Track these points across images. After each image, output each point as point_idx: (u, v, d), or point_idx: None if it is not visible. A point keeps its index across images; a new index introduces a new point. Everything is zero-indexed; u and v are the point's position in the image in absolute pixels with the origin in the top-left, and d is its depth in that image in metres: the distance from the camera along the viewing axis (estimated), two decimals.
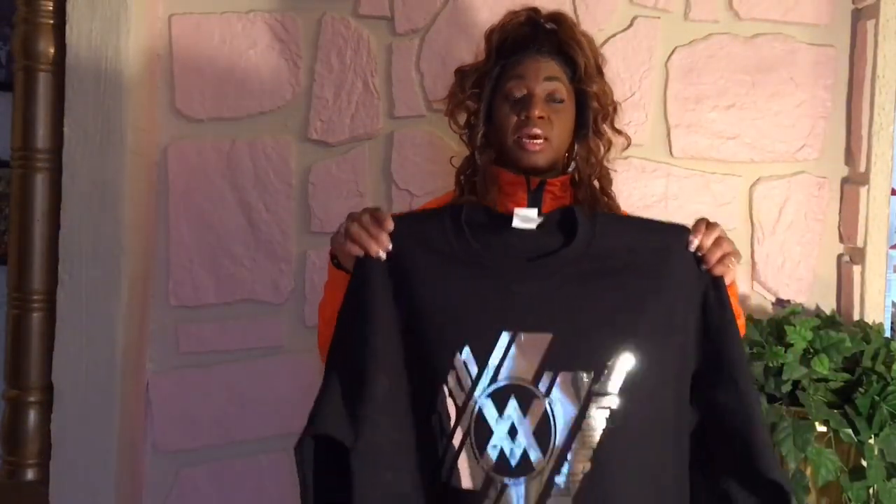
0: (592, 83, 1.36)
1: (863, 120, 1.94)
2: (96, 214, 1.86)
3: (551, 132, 1.32)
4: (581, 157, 1.38)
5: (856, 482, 1.65)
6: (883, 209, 1.92)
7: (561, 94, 1.34)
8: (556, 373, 1.06)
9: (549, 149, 1.33)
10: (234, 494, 1.99)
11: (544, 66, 1.34)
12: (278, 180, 1.98)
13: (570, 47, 1.35)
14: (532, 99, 1.32)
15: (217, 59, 1.98)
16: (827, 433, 1.67)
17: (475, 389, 1.06)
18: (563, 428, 1.05)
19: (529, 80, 1.33)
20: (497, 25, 1.41)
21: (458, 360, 1.07)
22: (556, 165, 1.37)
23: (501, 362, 1.07)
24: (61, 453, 1.86)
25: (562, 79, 1.35)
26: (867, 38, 1.94)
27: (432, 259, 1.13)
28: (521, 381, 1.06)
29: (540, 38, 1.37)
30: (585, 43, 1.37)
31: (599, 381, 1.06)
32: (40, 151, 1.89)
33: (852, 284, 1.94)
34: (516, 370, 1.06)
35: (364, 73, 1.97)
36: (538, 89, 1.33)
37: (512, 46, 1.37)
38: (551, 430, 1.05)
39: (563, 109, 1.34)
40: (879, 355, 1.75)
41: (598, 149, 1.39)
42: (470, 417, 1.06)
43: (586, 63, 1.36)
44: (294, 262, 1.99)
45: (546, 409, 1.05)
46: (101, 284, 1.86)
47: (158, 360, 2.00)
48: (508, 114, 1.34)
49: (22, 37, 1.89)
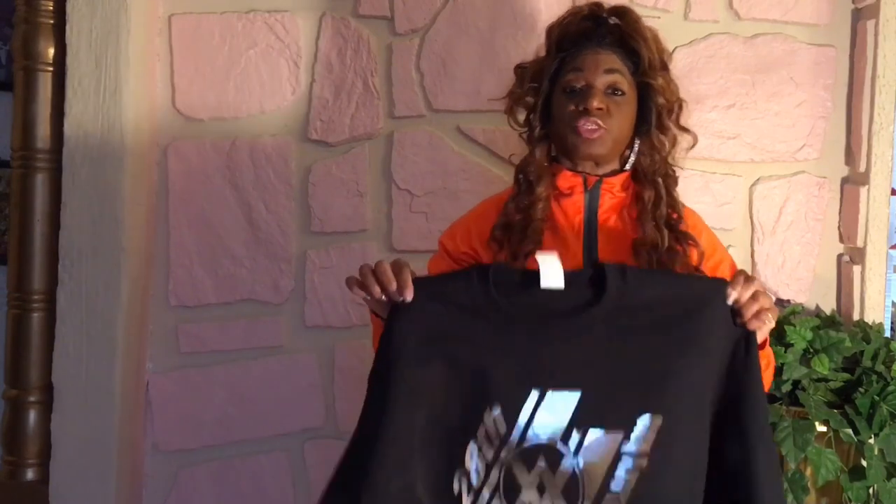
0: (656, 76, 1.33)
1: (863, 120, 1.94)
2: (96, 214, 1.86)
3: (610, 123, 1.30)
4: (643, 152, 1.35)
5: (856, 482, 1.65)
6: (883, 209, 1.92)
7: (621, 87, 1.32)
8: (586, 430, 1.04)
9: (607, 138, 1.30)
10: (234, 494, 1.99)
11: (604, 59, 1.32)
12: (278, 180, 1.98)
13: (633, 40, 1.33)
14: (591, 90, 1.30)
15: (217, 59, 1.98)
16: (827, 433, 1.67)
17: (503, 447, 1.05)
18: (592, 486, 1.03)
19: (589, 71, 1.31)
20: (558, 20, 1.39)
21: (488, 418, 1.05)
22: (614, 161, 1.35)
23: (531, 420, 1.05)
24: (61, 453, 1.86)
25: (622, 71, 1.33)
26: (867, 38, 1.94)
27: (459, 317, 1.10)
28: (550, 440, 1.04)
29: (601, 31, 1.34)
30: (650, 36, 1.35)
31: (629, 440, 1.04)
32: (40, 151, 1.89)
33: (852, 284, 1.94)
34: (546, 428, 1.05)
35: (364, 73, 1.97)
36: (598, 81, 1.31)
37: (572, 40, 1.35)
38: (580, 489, 1.03)
39: (624, 102, 1.32)
40: (879, 355, 1.75)
41: (661, 145, 1.36)
42: (499, 474, 1.05)
43: (650, 56, 1.33)
44: (294, 262, 1.99)
45: (575, 468, 1.03)
46: (101, 284, 1.86)
47: (158, 360, 2.00)
48: (566, 105, 1.32)
49: (22, 37, 1.89)
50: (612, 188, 1.34)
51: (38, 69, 1.89)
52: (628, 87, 1.32)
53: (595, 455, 1.04)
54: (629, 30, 1.33)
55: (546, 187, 1.34)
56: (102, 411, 1.86)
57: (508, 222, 1.34)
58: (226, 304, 2.00)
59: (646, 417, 1.04)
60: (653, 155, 1.35)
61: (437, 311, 1.10)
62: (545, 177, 1.35)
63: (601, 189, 1.33)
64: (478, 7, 1.95)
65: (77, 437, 1.85)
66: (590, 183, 1.33)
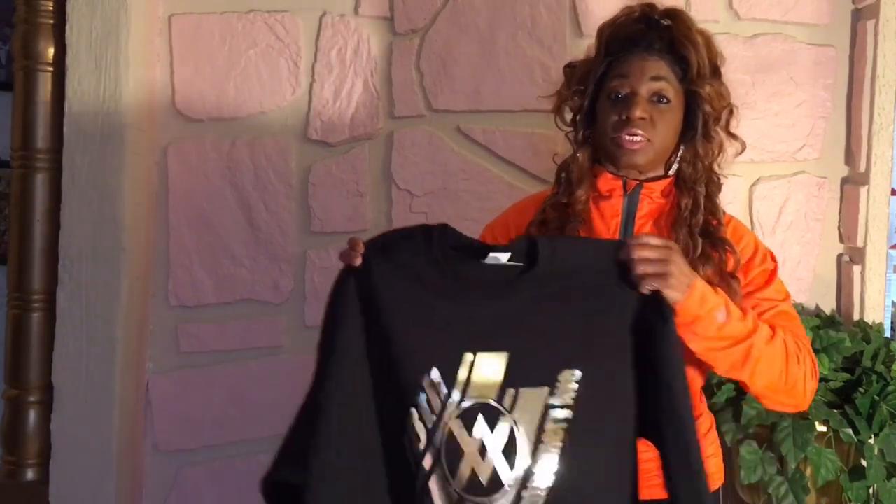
0: (704, 84, 1.30)
1: (863, 120, 1.94)
2: (96, 214, 1.86)
3: (653, 133, 1.28)
4: (686, 160, 1.33)
5: (856, 482, 1.65)
6: (883, 209, 1.92)
7: (667, 95, 1.29)
8: (517, 389, 1.08)
9: (649, 148, 1.29)
10: (234, 494, 1.99)
11: (650, 65, 1.30)
12: (278, 180, 1.98)
13: (683, 46, 1.30)
14: (634, 98, 1.28)
15: (217, 59, 1.98)
16: (827, 433, 1.67)
17: (445, 410, 1.08)
18: (527, 443, 1.07)
19: (634, 78, 1.29)
20: (610, 21, 1.36)
21: (426, 381, 1.08)
22: (658, 167, 1.34)
23: (468, 382, 1.09)
24: (61, 453, 1.86)
25: (669, 78, 1.30)
26: (867, 38, 1.94)
27: (401, 281, 1.14)
28: (486, 399, 1.08)
29: (651, 35, 1.31)
30: (701, 42, 1.31)
31: (554, 395, 1.08)
32: (40, 151, 1.89)
33: (852, 284, 1.94)
34: (482, 389, 1.08)
35: (364, 73, 1.97)
36: (642, 89, 1.29)
37: (621, 43, 1.33)
38: (517, 447, 1.07)
39: (669, 110, 1.30)
40: (879, 355, 1.75)
41: (706, 153, 1.33)
42: (441, 439, 1.07)
43: (700, 63, 1.30)
44: (294, 262, 1.99)
45: (512, 426, 1.07)
46: (101, 284, 1.86)
47: (158, 360, 2.00)
48: (609, 112, 1.30)
49: (22, 37, 1.90)
50: (651, 193, 1.33)
51: (38, 69, 1.89)
52: (674, 94, 1.30)
53: (527, 412, 1.08)
54: (680, 35, 1.30)
55: (586, 189, 1.34)
56: (102, 411, 1.86)
57: (545, 219, 1.35)
58: (226, 304, 2.00)
59: (567, 373, 1.09)
60: (695, 163, 1.32)
61: (382, 276, 1.14)
62: (586, 179, 1.35)
63: (640, 194, 1.33)
64: (478, 7, 1.95)
65: (77, 437, 1.85)
66: (629, 187, 1.33)
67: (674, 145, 1.34)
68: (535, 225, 1.36)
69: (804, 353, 1.25)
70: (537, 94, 1.93)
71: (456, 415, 1.08)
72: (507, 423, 1.08)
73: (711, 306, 1.16)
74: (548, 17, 1.94)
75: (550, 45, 1.94)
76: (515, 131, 1.96)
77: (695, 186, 1.31)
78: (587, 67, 1.37)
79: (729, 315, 1.18)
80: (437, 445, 1.07)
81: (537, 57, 1.94)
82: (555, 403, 1.08)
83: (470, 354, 1.09)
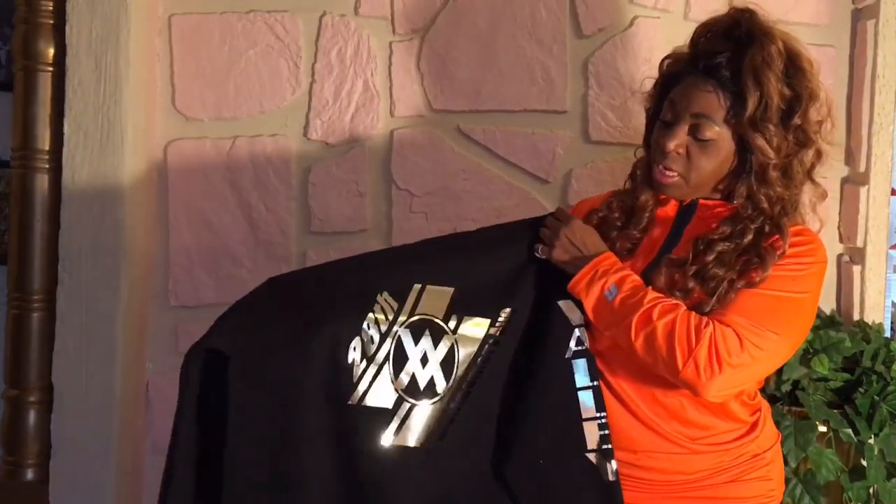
0: (756, 134, 1.19)
1: (863, 120, 1.94)
2: (96, 214, 1.86)
3: (688, 170, 1.23)
4: (741, 195, 1.24)
5: (856, 482, 1.65)
6: (883, 209, 1.92)
7: (707, 135, 1.21)
8: (461, 316, 1.27)
9: (682, 184, 1.24)
10: None
11: (699, 97, 1.21)
12: (278, 180, 1.98)
13: (744, 83, 1.18)
14: (672, 130, 1.23)
15: (217, 59, 1.98)
16: (827, 433, 1.67)
17: (396, 321, 1.24)
18: (464, 361, 1.26)
19: (678, 107, 1.23)
20: (710, 21, 1.27)
21: (380, 298, 1.25)
22: (706, 191, 1.28)
23: (416, 304, 1.26)
24: (61, 453, 1.86)
25: (715, 117, 1.21)
26: (867, 38, 1.94)
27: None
28: (433, 317, 1.26)
29: (721, 56, 1.21)
30: (773, 80, 1.18)
31: (494, 326, 1.28)
32: (40, 151, 1.89)
33: (852, 284, 1.94)
34: (430, 309, 1.26)
35: (364, 73, 1.97)
36: (683, 122, 1.22)
37: (694, 55, 1.26)
38: (455, 363, 1.25)
39: (712, 148, 1.22)
40: (879, 355, 1.75)
41: (769, 191, 1.22)
42: (391, 344, 1.24)
43: (755, 108, 1.18)
44: (294, 262, 1.99)
45: (454, 344, 1.26)
46: (101, 284, 1.86)
47: (158, 360, 2.00)
48: (655, 134, 1.27)
49: (22, 37, 1.90)
50: (705, 212, 1.28)
51: (38, 69, 1.89)
52: (718, 133, 1.21)
53: (468, 338, 1.27)
54: (748, 68, 1.18)
55: (653, 194, 1.31)
56: (102, 411, 1.85)
57: (608, 217, 1.35)
58: (226, 305, 1.97)
59: (506, 310, 1.28)
60: (747, 204, 1.23)
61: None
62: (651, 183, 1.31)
63: (695, 210, 1.29)
64: (478, 7, 1.95)
65: (77, 437, 1.85)
66: (685, 200, 1.30)
67: (720, 180, 1.27)
68: (597, 216, 1.36)
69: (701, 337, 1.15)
70: (537, 94, 1.95)
71: (405, 324, 1.25)
72: (450, 341, 1.26)
73: (601, 284, 1.23)
74: (548, 17, 1.94)
75: (550, 45, 1.94)
76: (515, 131, 1.96)
77: (747, 223, 1.22)
78: (669, 71, 1.31)
79: (617, 294, 1.22)
80: (387, 349, 1.24)
81: (537, 57, 1.94)
82: (492, 335, 1.27)
83: (418, 285, 1.27)
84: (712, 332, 1.16)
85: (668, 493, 1.27)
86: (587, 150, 1.96)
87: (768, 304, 1.19)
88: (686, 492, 1.27)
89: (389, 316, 1.24)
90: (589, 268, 1.24)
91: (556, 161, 1.96)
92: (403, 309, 1.25)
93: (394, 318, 1.24)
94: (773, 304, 1.19)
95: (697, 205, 1.29)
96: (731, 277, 1.19)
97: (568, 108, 1.96)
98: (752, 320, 1.17)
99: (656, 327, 1.17)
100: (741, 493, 1.28)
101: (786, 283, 1.20)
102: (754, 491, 1.29)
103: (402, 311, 1.25)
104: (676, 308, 1.19)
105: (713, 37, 1.25)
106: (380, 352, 1.23)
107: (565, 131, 1.96)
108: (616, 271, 1.24)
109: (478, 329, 1.27)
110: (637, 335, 1.18)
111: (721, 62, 1.21)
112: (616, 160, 1.92)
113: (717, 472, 1.27)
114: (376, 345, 1.23)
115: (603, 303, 1.22)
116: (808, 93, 1.23)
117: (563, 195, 1.96)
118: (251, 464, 1.15)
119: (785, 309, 1.20)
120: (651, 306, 1.18)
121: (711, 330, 1.16)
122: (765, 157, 1.21)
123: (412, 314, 1.25)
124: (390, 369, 1.23)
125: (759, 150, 1.21)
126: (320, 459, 1.18)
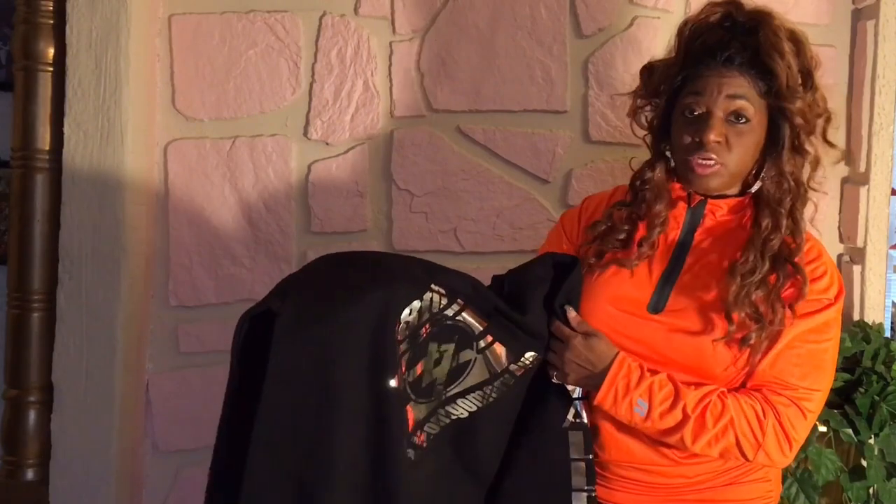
0: (794, 100, 1.21)
1: (863, 120, 1.94)
2: (96, 214, 1.86)
3: (728, 157, 1.22)
4: (771, 177, 1.25)
5: (856, 482, 1.65)
6: (883, 209, 1.92)
7: (746, 113, 1.21)
8: (493, 340, 1.22)
9: (723, 172, 1.23)
10: None
11: (728, 82, 1.21)
12: (278, 180, 1.98)
13: (769, 57, 1.20)
14: (709, 119, 1.21)
15: (217, 60, 1.98)
16: (827, 433, 1.67)
17: (436, 316, 1.19)
18: (472, 382, 1.21)
19: (709, 97, 1.22)
20: (692, 17, 1.28)
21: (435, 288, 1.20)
22: (734, 186, 1.28)
23: (460, 311, 1.21)
24: (61, 453, 1.86)
25: (749, 96, 1.22)
26: (867, 38, 1.94)
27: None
28: (468, 328, 1.21)
29: (733, 45, 1.22)
30: (790, 51, 1.21)
31: (515, 365, 1.23)
32: (40, 151, 1.89)
33: (852, 284, 1.94)
34: (469, 321, 1.21)
35: (364, 73, 1.97)
36: (718, 109, 1.21)
37: (700, 50, 1.25)
38: (462, 377, 1.21)
39: (748, 130, 1.22)
40: (879, 355, 1.75)
41: (795, 169, 1.24)
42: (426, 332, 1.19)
43: (788, 76, 1.20)
44: (294, 262, 1.99)
45: (471, 361, 1.21)
46: (101, 284, 1.86)
47: (158, 360, 2.00)
48: (682, 131, 1.24)
49: (22, 37, 1.89)
50: (716, 210, 1.28)
51: (38, 69, 1.89)
52: (755, 112, 1.22)
53: (489, 363, 1.23)
54: (766, 45, 1.20)
55: (666, 205, 1.29)
56: (102, 411, 1.86)
57: (613, 227, 1.32)
58: (226, 304, 2.00)
59: (531, 354, 1.25)
60: (781, 182, 1.24)
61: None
62: (665, 194, 1.30)
63: (705, 210, 1.28)
64: (478, 7, 1.95)
65: (77, 437, 1.85)
66: (694, 200, 1.28)
67: (752, 164, 1.26)
68: (599, 227, 1.33)
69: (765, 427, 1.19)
70: (537, 94, 1.95)
71: (443, 322, 1.19)
72: (472, 355, 1.20)
73: (627, 402, 1.20)
74: (548, 17, 1.94)
75: (550, 45, 1.94)
76: (515, 131, 1.96)
77: (778, 206, 1.23)
78: (665, 73, 1.30)
79: (650, 409, 1.19)
80: (417, 338, 1.18)
81: (537, 57, 1.94)
82: (511, 370, 1.23)
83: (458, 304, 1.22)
84: (774, 421, 1.19)
85: (668, 495, 1.27)
86: (587, 150, 1.96)
87: (810, 361, 1.22)
88: (686, 494, 1.27)
89: (434, 309, 1.19)
90: (607, 387, 1.21)
91: (556, 161, 1.96)
92: (450, 307, 1.20)
93: (438, 312, 1.19)
94: (814, 359, 1.22)
95: (706, 204, 1.29)
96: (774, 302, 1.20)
97: (568, 108, 1.96)
98: (802, 382, 1.20)
99: (716, 436, 1.19)
100: (740, 495, 1.29)
101: (819, 333, 1.23)
102: (753, 492, 1.29)
103: (449, 308, 1.20)
104: (724, 405, 1.19)
105: (712, 31, 1.25)
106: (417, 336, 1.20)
107: (565, 131, 1.96)
108: (638, 383, 1.20)
109: (499, 361, 1.23)
110: (695, 443, 1.19)
111: (736, 48, 1.22)
112: (616, 160, 1.92)
113: (717, 474, 1.27)
114: (413, 329, 1.19)
115: (638, 419, 1.21)
116: (813, 60, 1.27)
117: (563, 195, 1.96)
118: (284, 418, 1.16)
119: (824, 359, 1.24)
120: (699, 415, 1.18)
121: (773, 420, 1.19)
122: (804, 121, 1.23)
123: (454, 318, 1.20)
124: (407, 358, 1.19)
125: (799, 114, 1.22)
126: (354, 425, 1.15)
